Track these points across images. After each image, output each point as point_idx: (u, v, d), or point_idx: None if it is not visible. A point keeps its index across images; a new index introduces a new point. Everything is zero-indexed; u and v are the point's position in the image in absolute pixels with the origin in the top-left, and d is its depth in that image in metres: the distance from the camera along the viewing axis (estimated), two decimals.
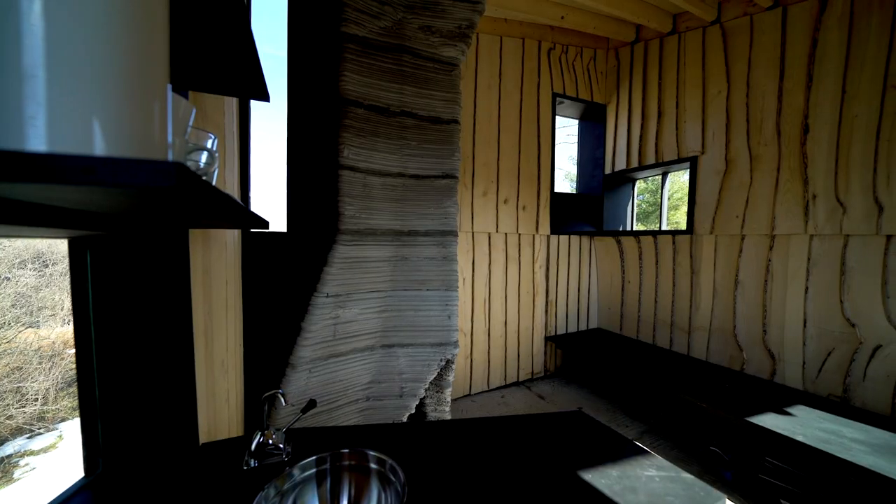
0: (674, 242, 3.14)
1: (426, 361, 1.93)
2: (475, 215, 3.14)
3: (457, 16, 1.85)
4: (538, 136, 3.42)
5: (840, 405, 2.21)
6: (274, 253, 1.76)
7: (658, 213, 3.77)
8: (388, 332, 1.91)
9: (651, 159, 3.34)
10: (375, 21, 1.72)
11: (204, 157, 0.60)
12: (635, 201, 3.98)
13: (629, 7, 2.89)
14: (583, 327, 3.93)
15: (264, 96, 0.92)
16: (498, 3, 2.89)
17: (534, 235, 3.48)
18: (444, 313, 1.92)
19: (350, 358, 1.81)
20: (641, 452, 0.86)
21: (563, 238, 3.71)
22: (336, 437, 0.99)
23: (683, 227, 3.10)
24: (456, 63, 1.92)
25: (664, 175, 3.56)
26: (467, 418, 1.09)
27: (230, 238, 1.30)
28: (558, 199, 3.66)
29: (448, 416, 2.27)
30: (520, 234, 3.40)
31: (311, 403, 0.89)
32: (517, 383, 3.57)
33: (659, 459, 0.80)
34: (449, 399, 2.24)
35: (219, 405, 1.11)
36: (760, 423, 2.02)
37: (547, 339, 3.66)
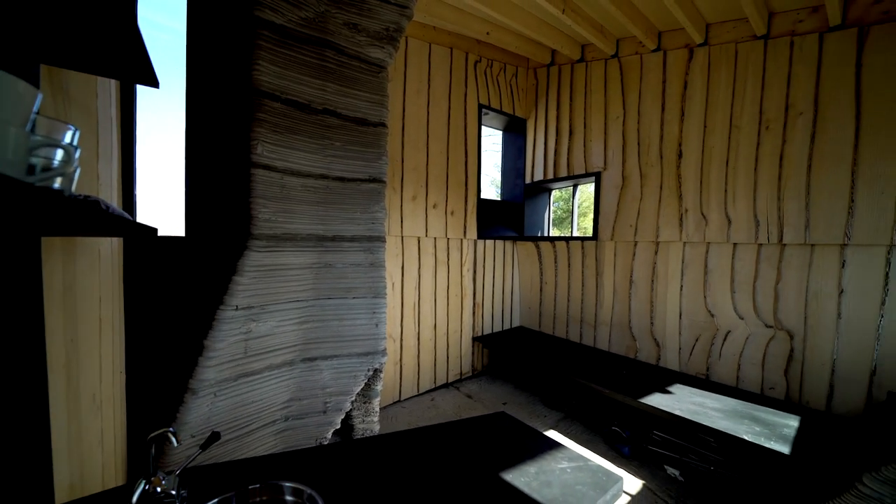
0: (582, 247, 3.52)
1: (352, 373, 1.85)
2: (405, 219, 3.11)
3: (384, 17, 1.81)
4: (465, 144, 3.54)
5: (705, 381, 2.70)
6: (169, 262, 1.52)
7: (571, 219, 4.18)
8: (309, 344, 1.78)
9: (564, 172, 3.69)
10: (295, 10, 1.60)
11: (59, 154, 0.48)
12: (551, 208, 4.36)
13: (545, 32, 3.16)
14: (507, 326, 4.17)
15: (150, 80, 0.77)
16: (427, 11, 2.92)
17: (462, 240, 3.59)
18: (371, 321, 1.86)
19: (265, 376, 1.64)
20: (556, 446, 0.94)
21: (489, 242, 3.90)
22: (246, 470, 0.88)
23: (591, 233, 3.49)
24: (383, 65, 1.88)
25: (575, 186, 3.97)
26: (391, 433, 1.06)
27: (107, 246, 1.08)
28: (484, 206, 3.83)
29: (377, 427, 2.20)
30: (448, 239, 3.48)
31: (213, 437, 0.78)
32: (447, 385, 3.63)
33: (570, 451, 0.89)
34: (377, 409, 2.18)
35: (88, 450, 0.91)
36: (649, 403, 2.36)
37: (474, 339, 3.80)
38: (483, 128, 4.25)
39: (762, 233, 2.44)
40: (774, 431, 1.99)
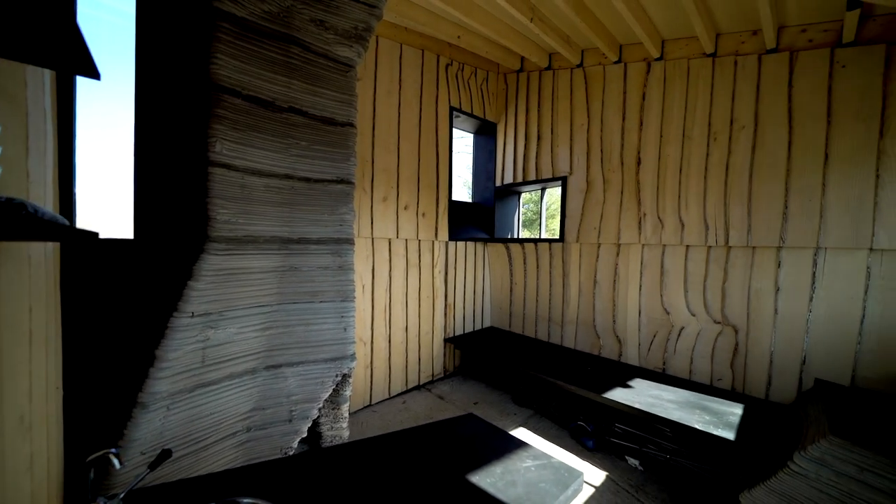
0: (550, 249, 3.63)
1: (320, 379, 1.80)
2: (375, 221, 3.07)
3: (352, 16, 1.78)
4: (437, 146, 3.55)
5: (662, 375, 2.88)
6: (116, 267, 1.40)
7: (539, 221, 4.30)
8: (273, 351, 1.71)
9: (532, 176, 3.79)
10: (258, 3, 1.54)
11: None
12: (521, 210, 4.47)
13: (514, 39, 3.23)
14: (478, 327, 4.22)
15: (87, 70, 0.71)
16: (398, 12, 2.90)
17: (433, 241, 3.59)
18: (339, 326, 1.82)
19: (225, 386, 1.56)
20: (521, 446, 0.96)
21: (461, 244, 3.93)
22: (201, 487, 0.84)
23: (558, 235, 3.61)
24: (352, 64, 1.85)
25: (543, 190, 4.09)
26: (357, 440, 1.05)
27: (39, 251, 0.98)
28: (455, 207, 3.86)
29: (346, 433, 2.15)
30: (420, 240, 3.47)
31: (164, 454, 0.73)
32: (419, 387, 3.62)
33: (535, 450, 0.92)
34: (346, 415, 2.13)
35: (14, 479, 0.82)
36: (611, 397, 2.48)
37: (446, 340, 3.81)
38: (455, 130, 4.28)
39: (711, 236, 2.63)
40: (721, 419, 2.15)
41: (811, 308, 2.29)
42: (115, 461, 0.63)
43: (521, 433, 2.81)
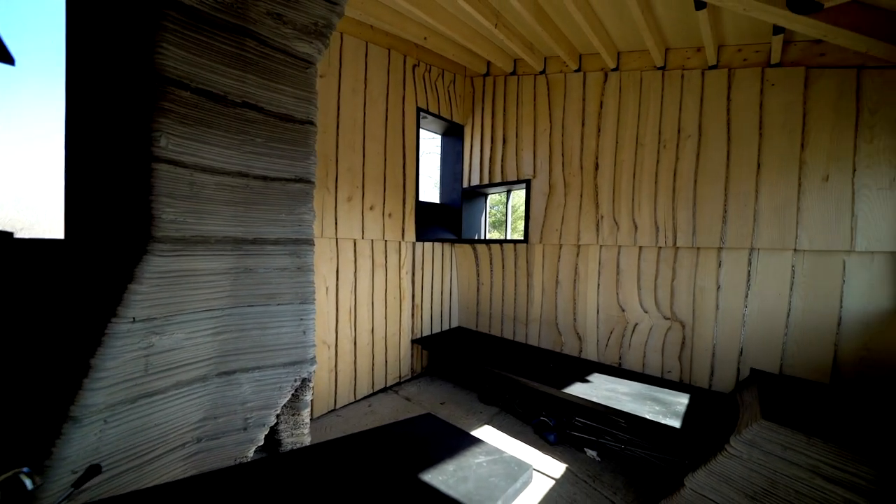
0: (515, 250, 3.72)
1: (277, 384, 1.74)
2: (339, 221, 3.01)
3: (312, 11, 1.74)
4: (403, 147, 3.53)
5: (618, 369, 3.03)
6: (41, 269, 1.29)
7: (506, 222, 4.40)
8: (227, 356, 1.63)
9: (498, 178, 3.88)
10: None
11: None
12: (488, 211, 4.54)
13: (480, 44, 3.29)
14: (445, 327, 4.24)
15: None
16: (364, 10, 2.86)
17: (400, 242, 3.57)
18: (298, 329, 1.77)
19: (172, 395, 1.47)
20: (476, 442, 0.99)
21: (428, 245, 3.93)
22: (141, 502, 0.78)
23: (522, 236, 3.70)
24: (312, 61, 1.81)
25: (508, 192, 4.18)
26: (313, 444, 1.03)
27: None
28: (423, 208, 3.86)
29: (307, 440, 2.09)
30: (386, 241, 3.44)
31: (92, 471, 0.68)
32: (385, 389, 3.58)
33: (488, 446, 0.94)
34: (308, 420, 2.07)
35: None
36: (571, 392, 2.58)
37: (413, 341, 3.80)
38: (424, 131, 4.28)
39: (661, 237, 2.81)
40: (669, 409, 2.30)
41: (747, 304, 2.50)
42: (27, 482, 0.58)
43: (486, 431, 2.86)
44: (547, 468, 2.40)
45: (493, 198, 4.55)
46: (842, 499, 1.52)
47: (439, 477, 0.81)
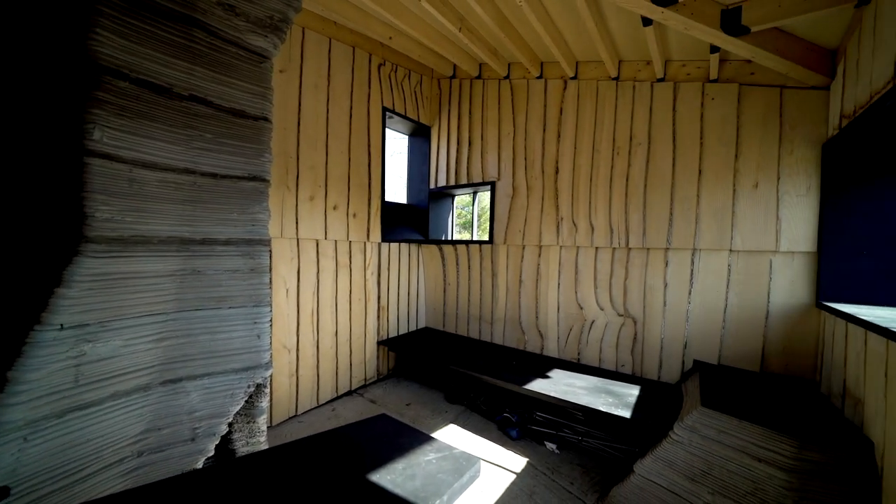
0: (480, 250, 3.79)
1: (229, 391, 1.66)
2: (300, 221, 2.92)
3: (267, 4, 1.69)
4: (368, 146, 3.49)
5: (576, 364, 3.17)
6: None
7: (472, 223, 4.46)
8: (172, 363, 1.54)
9: (464, 180, 3.93)
10: None
11: None
12: (454, 212, 4.59)
13: (445, 46, 3.32)
14: (412, 328, 4.23)
15: None
16: (326, 5, 2.81)
17: (365, 242, 3.52)
18: (251, 333, 1.70)
19: (108, 407, 1.37)
20: (427, 440, 1.00)
21: (394, 245, 3.91)
22: None
23: (487, 237, 3.78)
24: (267, 55, 1.75)
25: (474, 194, 4.25)
26: (263, 450, 1.00)
27: None
28: (389, 209, 3.83)
29: (264, 448, 2.01)
30: (351, 241, 3.38)
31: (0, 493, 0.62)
32: (350, 392, 3.52)
33: (439, 443, 0.96)
34: (264, 428, 1.99)
35: None
36: (532, 388, 2.66)
37: (379, 343, 3.76)
38: (391, 132, 4.26)
39: (615, 238, 2.97)
40: (621, 401, 2.44)
41: (690, 300, 2.70)
42: None
43: (450, 430, 2.89)
44: (509, 463, 2.46)
45: (464, 199, 4.61)
46: (765, 474, 1.69)
47: (388, 476, 0.82)
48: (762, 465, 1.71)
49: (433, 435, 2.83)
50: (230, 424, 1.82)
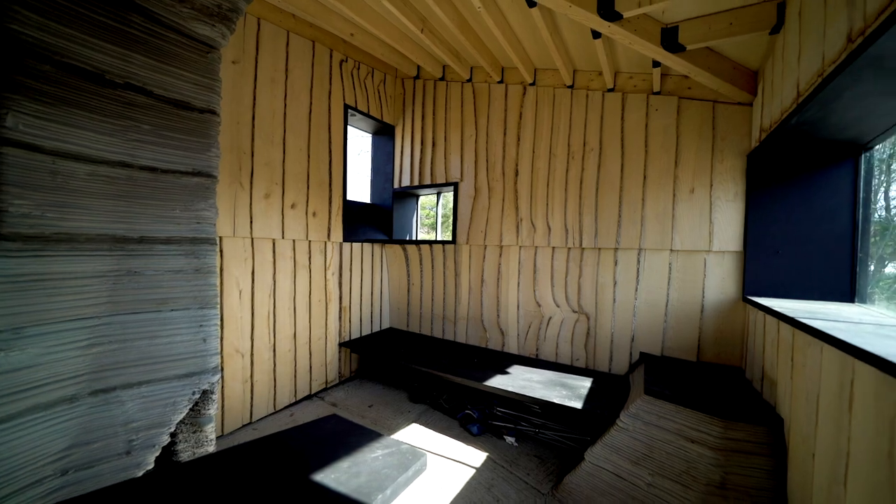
0: (444, 250, 3.83)
1: (170, 399, 1.56)
2: (255, 219, 2.80)
3: None
4: (329, 144, 3.42)
5: (535, 360, 3.29)
6: None
7: (446, 222, 4.49)
8: (104, 371, 1.43)
9: (428, 180, 3.95)
10: None
11: None
12: (420, 212, 4.60)
13: (408, 47, 3.32)
14: (376, 329, 4.18)
15: None
16: None
17: (325, 242, 3.44)
18: (196, 336, 1.61)
19: (25, 422, 1.24)
20: (376, 437, 1.01)
21: (357, 245, 3.85)
22: None
23: (451, 237, 3.82)
24: (214, 45, 1.67)
25: (438, 194, 4.28)
26: (203, 456, 0.96)
27: None
28: (351, 208, 3.77)
29: None
30: (310, 241, 3.29)
31: None
32: (310, 396, 3.42)
33: (388, 439, 0.97)
34: (213, 437, 1.89)
35: None
36: (492, 384, 2.73)
37: (341, 345, 3.68)
38: (355, 130, 4.19)
39: (570, 239, 3.12)
40: (574, 392, 2.57)
41: (637, 296, 2.90)
42: None
43: (413, 429, 2.90)
44: (469, 458, 2.51)
45: (432, 199, 4.62)
46: (696, 453, 1.85)
47: (332, 475, 0.82)
48: (694, 445, 1.87)
49: (394, 435, 2.83)
50: (173, 434, 1.71)
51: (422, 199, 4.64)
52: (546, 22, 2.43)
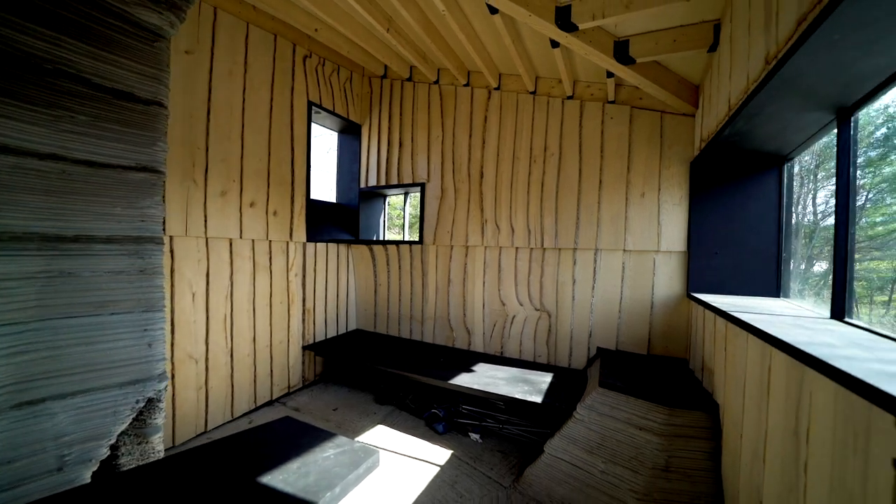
0: (410, 251, 3.83)
1: (110, 409, 1.46)
2: (210, 218, 2.67)
3: None
4: (292, 141, 3.32)
5: (500, 357, 3.37)
6: None
7: (413, 223, 4.48)
8: (31, 381, 1.32)
9: (395, 180, 3.94)
10: None
11: None
12: (388, 213, 4.57)
13: (374, 45, 3.30)
14: (342, 331, 4.11)
15: None
16: None
17: (287, 242, 3.34)
18: (140, 341, 1.52)
19: None
20: (329, 437, 1.00)
21: (321, 246, 3.76)
22: None
23: (418, 237, 3.83)
24: (162, 34, 1.58)
25: (406, 194, 4.28)
26: (146, 463, 0.91)
27: None
28: (315, 207, 3.68)
29: None
30: (271, 241, 3.18)
31: None
32: (271, 402, 3.30)
33: (340, 438, 0.97)
34: (160, 448, 1.79)
35: None
36: (458, 383, 2.77)
37: (305, 348, 3.59)
38: (321, 128, 4.09)
39: (532, 239, 3.23)
40: (535, 388, 2.66)
41: (594, 294, 3.05)
42: None
43: (379, 430, 2.88)
44: (434, 457, 2.53)
45: (401, 199, 4.60)
46: (644, 440, 1.98)
47: (280, 477, 0.81)
48: (642, 432, 2.00)
49: (359, 437, 2.80)
50: (115, 447, 1.60)
51: (393, 200, 4.61)
52: (508, 29, 2.51)
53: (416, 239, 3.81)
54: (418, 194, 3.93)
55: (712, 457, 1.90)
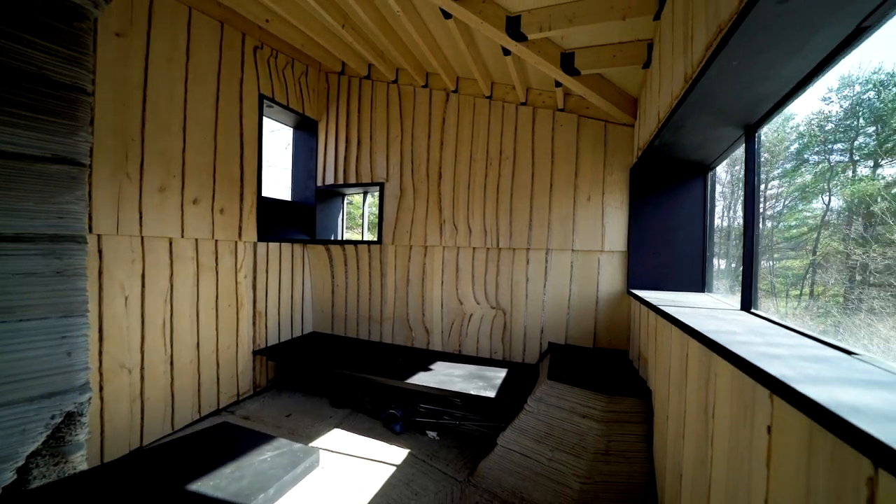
0: (369, 250, 3.79)
1: (19, 426, 1.32)
2: (145, 215, 2.48)
3: None
4: (241, 135, 3.16)
5: (458, 355, 3.43)
6: None
7: (374, 222, 4.42)
8: None
9: (353, 179, 3.88)
10: None
11: None
12: (346, 212, 4.48)
13: (330, 41, 3.23)
14: (297, 334, 3.97)
15: None
16: None
17: (236, 242, 3.17)
18: (58, 350, 1.39)
19: None
20: (267, 440, 0.99)
21: (274, 246, 3.62)
22: None
23: (377, 237, 3.80)
24: (86, 14, 1.45)
25: (365, 193, 4.23)
26: (64, 478, 0.84)
27: None
28: (268, 205, 3.53)
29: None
30: (217, 241, 3.00)
31: None
32: (218, 411, 3.11)
33: (279, 441, 0.96)
34: (83, 467, 1.64)
35: None
36: (416, 382, 2.79)
37: (256, 352, 3.42)
38: (275, 123, 3.92)
39: (489, 240, 3.33)
40: (490, 383, 2.75)
41: (545, 292, 3.20)
42: None
43: (335, 434, 2.82)
44: (390, 457, 2.53)
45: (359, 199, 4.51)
46: (586, 426, 2.12)
47: (210, 482, 0.78)
48: (585, 420, 2.14)
49: (314, 442, 2.73)
50: (23, 469, 1.45)
51: (355, 199, 4.52)
52: (463, 35, 2.57)
53: (375, 239, 3.78)
54: (378, 194, 3.90)
55: (646, 439, 2.08)
